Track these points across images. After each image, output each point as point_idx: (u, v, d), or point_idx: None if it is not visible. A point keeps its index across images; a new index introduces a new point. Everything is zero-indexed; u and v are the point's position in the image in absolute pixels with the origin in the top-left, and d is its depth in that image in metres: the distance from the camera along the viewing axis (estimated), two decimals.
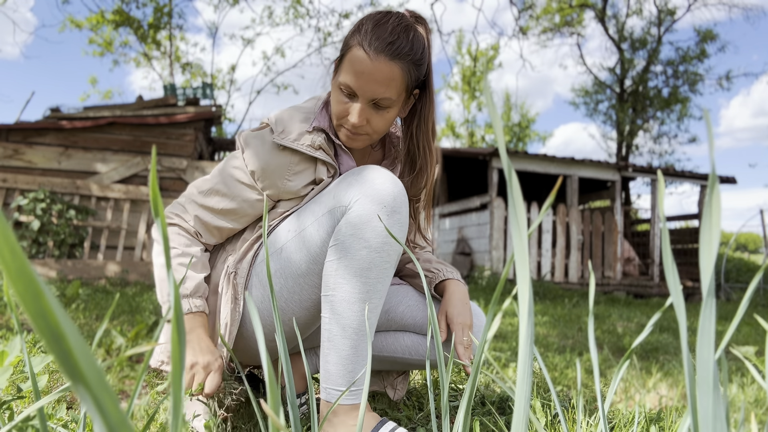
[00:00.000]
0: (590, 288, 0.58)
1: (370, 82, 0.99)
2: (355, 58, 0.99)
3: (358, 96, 1.02)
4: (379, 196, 0.94)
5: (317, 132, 1.09)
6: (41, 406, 0.48)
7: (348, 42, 1.02)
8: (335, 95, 1.05)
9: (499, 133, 0.32)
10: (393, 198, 0.95)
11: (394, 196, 0.95)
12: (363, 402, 0.57)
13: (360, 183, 0.96)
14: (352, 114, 1.03)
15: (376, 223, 0.94)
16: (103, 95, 16.32)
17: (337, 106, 1.05)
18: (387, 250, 0.95)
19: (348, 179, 0.99)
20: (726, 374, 0.45)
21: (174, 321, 0.33)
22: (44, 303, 0.19)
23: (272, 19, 13.92)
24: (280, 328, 0.55)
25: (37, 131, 5.56)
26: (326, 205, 1.00)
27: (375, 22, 1.00)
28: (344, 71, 1.01)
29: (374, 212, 0.94)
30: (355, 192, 0.96)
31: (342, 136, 1.09)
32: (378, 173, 0.97)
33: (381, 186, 0.95)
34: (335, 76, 1.06)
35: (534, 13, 14.61)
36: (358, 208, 0.94)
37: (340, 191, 0.98)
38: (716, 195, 0.34)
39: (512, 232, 0.34)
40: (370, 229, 0.94)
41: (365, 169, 1.00)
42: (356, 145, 1.10)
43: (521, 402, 0.35)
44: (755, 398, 1.71)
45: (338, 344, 0.96)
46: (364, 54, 0.98)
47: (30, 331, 2.01)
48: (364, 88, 1.00)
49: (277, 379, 1.04)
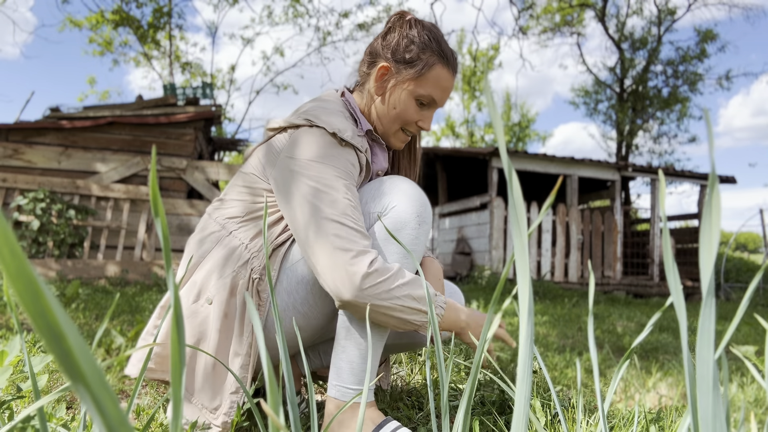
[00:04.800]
0: (590, 288, 0.58)
1: (448, 95, 1.16)
2: (441, 76, 1.12)
3: (432, 106, 1.16)
4: (414, 205, 1.02)
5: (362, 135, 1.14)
6: (41, 405, 0.48)
7: (428, 60, 1.11)
8: (407, 103, 1.13)
9: (499, 132, 0.32)
10: (425, 209, 1.03)
11: (425, 207, 1.04)
12: (363, 401, 0.57)
13: (395, 191, 1.04)
14: (426, 121, 1.16)
15: (409, 230, 1.01)
16: (101, 96, 16.30)
17: (410, 114, 1.14)
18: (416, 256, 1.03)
19: (381, 187, 1.06)
20: (726, 374, 0.45)
21: (174, 321, 0.33)
22: (44, 303, 0.19)
23: (272, 18, 13.92)
24: (280, 327, 0.55)
25: (37, 131, 5.56)
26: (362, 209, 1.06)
27: (440, 39, 1.13)
28: (426, 85, 1.12)
29: (409, 220, 1.01)
30: (392, 199, 1.03)
31: (398, 140, 1.19)
32: (410, 184, 1.06)
33: (415, 196, 1.03)
34: (406, 87, 1.12)
35: (534, 12, 14.61)
36: (394, 214, 1.01)
37: (375, 197, 1.05)
38: (716, 194, 0.34)
39: (512, 231, 0.34)
40: (404, 234, 1.01)
41: (397, 178, 1.07)
42: (402, 147, 1.22)
43: (521, 402, 0.35)
44: (755, 398, 1.71)
45: (356, 343, 0.99)
46: (448, 73, 1.13)
47: (30, 331, 2.01)
48: (444, 100, 1.16)
49: (278, 380, 1.03)
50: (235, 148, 8.81)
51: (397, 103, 1.13)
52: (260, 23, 14.16)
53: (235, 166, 5.87)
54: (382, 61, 1.13)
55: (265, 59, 14.56)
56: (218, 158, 8.92)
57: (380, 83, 1.14)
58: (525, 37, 14.16)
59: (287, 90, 14.97)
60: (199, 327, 1.04)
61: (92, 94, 16.30)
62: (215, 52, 52.01)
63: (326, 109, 1.09)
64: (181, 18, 13.52)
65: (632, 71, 15.46)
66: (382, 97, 1.15)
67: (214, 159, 8.40)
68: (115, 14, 11.98)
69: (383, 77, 1.13)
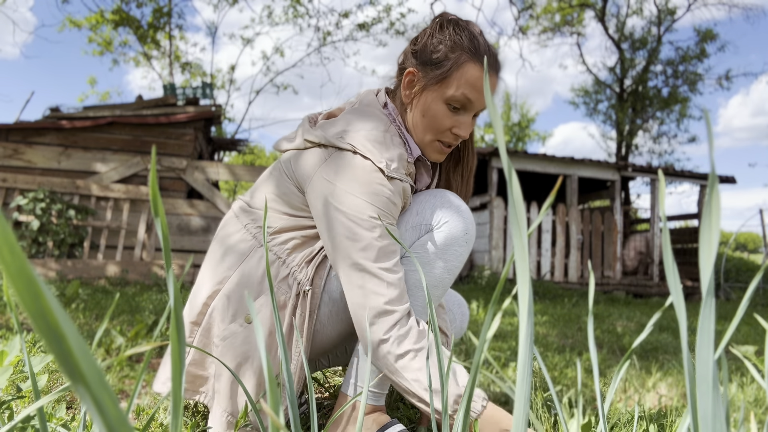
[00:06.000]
0: (590, 287, 0.58)
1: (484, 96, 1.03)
2: (473, 74, 1.02)
3: (468, 110, 1.05)
4: (464, 224, 1.02)
5: (411, 161, 1.07)
6: (41, 405, 0.48)
7: (457, 58, 1.02)
8: (439, 109, 1.04)
9: (499, 132, 0.32)
10: (473, 228, 1.03)
11: (473, 226, 1.04)
12: (363, 401, 0.57)
13: (446, 206, 1.02)
14: (462, 127, 1.05)
15: (458, 248, 1.02)
16: (101, 96, 16.29)
17: (441, 120, 1.04)
18: (454, 273, 1.03)
19: (432, 200, 1.04)
20: (726, 374, 0.45)
21: (173, 321, 0.33)
22: (44, 303, 0.19)
23: (272, 18, 13.91)
24: (282, 338, 0.55)
25: (37, 131, 5.55)
26: (410, 222, 1.03)
27: (474, 35, 1.03)
28: (455, 85, 1.02)
29: (459, 237, 1.01)
30: (445, 214, 1.01)
31: (433, 151, 1.09)
32: (460, 201, 1.05)
33: (466, 215, 1.03)
34: (434, 90, 1.03)
35: (534, 12, 14.60)
36: (446, 229, 1.01)
37: (426, 209, 1.03)
38: (716, 194, 0.34)
39: (512, 231, 0.34)
40: (452, 251, 1.01)
41: (450, 194, 1.05)
42: (442, 159, 1.13)
43: (521, 402, 0.35)
44: (755, 398, 1.71)
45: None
46: (481, 70, 1.02)
47: (30, 331, 2.01)
48: (481, 102, 1.04)
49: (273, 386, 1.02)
50: (234, 148, 8.81)
51: (426, 110, 1.05)
52: (260, 23, 14.15)
53: (234, 166, 5.87)
54: (409, 66, 1.07)
55: (265, 59, 14.56)
56: (218, 158, 8.92)
57: (408, 90, 1.07)
58: (525, 37, 14.16)
59: (287, 90, 14.94)
60: (241, 347, 0.99)
61: (92, 94, 16.29)
62: (215, 52, 52.02)
63: (375, 132, 1.01)
64: (180, 18, 13.53)
65: (632, 71, 15.46)
66: (411, 105, 1.08)
67: (214, 159, 8.40)
68: (115, 14, 11.98)
69: (410, 83, 1.06)
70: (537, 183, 10.06)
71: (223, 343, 0.99)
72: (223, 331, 0.99)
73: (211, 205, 5.62)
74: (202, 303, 1.03)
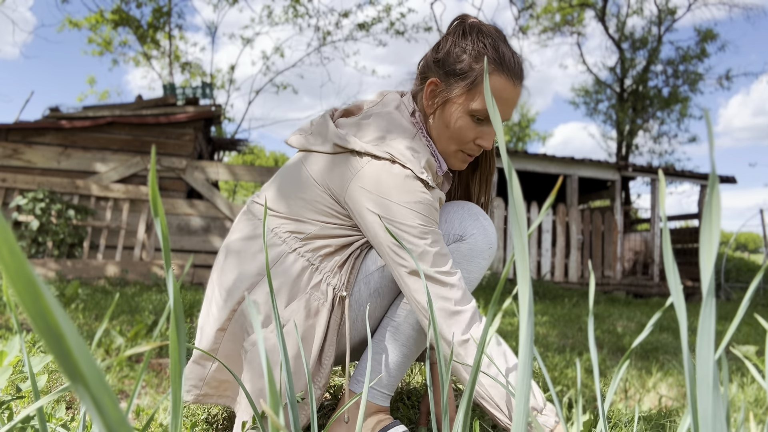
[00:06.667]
0: (590, 287, 0.58)
1: (510, 107, 1.04)
2: (498, 86, 1.00)
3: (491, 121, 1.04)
4: (489, 239, 1.07)
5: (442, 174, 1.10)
6: (41, 405, 0.48)
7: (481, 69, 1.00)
8: (463, 120, 1.03)
9: (499, 132, 0.32)
10: (495, 243, 1.08)
11: (496, 242, 1.08)
12: (363, 400, 0.57)
13: (474, 219, 1.07)
14: (486, 139, 1.05)
15: (480, 260, 1.06)
16: (100, 96, 16.29)
17: (466, 132, 1.04)
18: (474, 284, 1.07)
19: (459, 212, 1.08)
20: (726, 374, 0.45)
21: (173, 322, 0.33)
22: (44, 303, 0.19)
23: (271, 18, 13.90)
24: (281, 336, 0.55)
25: (37, 131, 5.55)
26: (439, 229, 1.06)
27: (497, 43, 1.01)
28: (480, 98, 1.01)
29: (483, 250, 1.06)
30: (471, 226, 1.06)
31: (456, 160, 1.10)
32: (486, 215, 1.10)
33: (491, 230, 1.07)
34: (459, 102, 1.02)
35: (534, 12, 14.60)
36: (473, 241, 1.05)
37: (454, 220, 1.06)
38: (716, 194, 0.34)
39: (512, 231, 0.34)
40: (476, 263, 1.05)
41: (474, 207, 1.09)
42: (464, 167, 1.14)
43: (521, 402, 0.35)
44: (755, 398, 1.71)
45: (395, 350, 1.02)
46: (508, 82, 1.01)
47: (29, 331, 2.01)
48: (506, 114, 1.04)
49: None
50: (234, 147, 8.81)
51: (450, 121, 1.03)
52: (260, 23, 14.15)
53: (234, 166, 5.87)
54: (432, 75, 1.05)
55: (265, 59, 14.56)
56: (218, 158, 8.92)
57: (431, 101, 1.06)
58: (525, 37, 14.15)
59: (287, 90, 14.94)
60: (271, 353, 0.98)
61: (91, 94, 16.30)
62: (215, 52, 51.98)
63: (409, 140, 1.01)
64: (180, 18, 13.53)
65: (632, 71, 15.46)
66: (433, 115, 1.07)
67: (213, 159, 8.40)
68: (115, 14, 11.97)
69: (433, 93, 1.05)
70: (537, 183, 10.05)
71: (253, 348, 0.98)
72: (252, 337, 0.98)
73: (210, 205, 5.62)
74: (231, 309, 1.00)
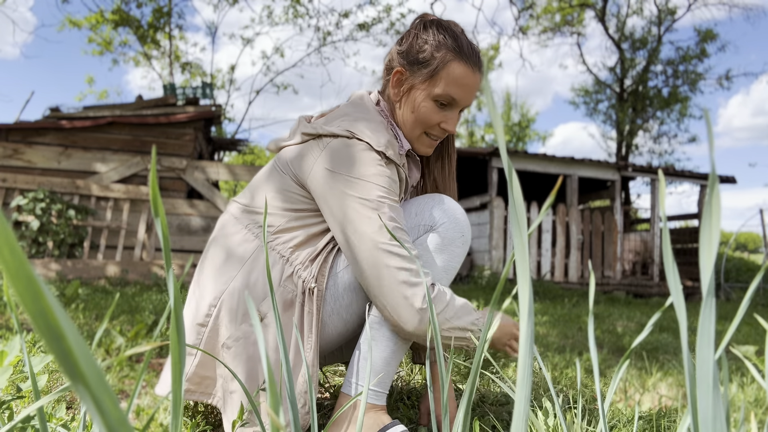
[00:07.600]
0: (590, 287, 0.58)
1: (472, 93, 1.10)
2: (458, 73, 1.07)
3: (454, 106, 1.11)
4: (460, 226, 1.08)
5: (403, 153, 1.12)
6: (41, 405, 0.48)
7: (442, 57, 1.07)
8: (428, 106, 1.09)
9: (500, 132, 0.32)
10: (468, 230, 1.09)
11: (469, 229, 1.09)
12: (363, 400, 0.57)
13: (443, 209, 1.08)
14: (450, 123, 1.11)
15: (454, 248, 1.06)
16: (99, 95, 16.28)
17: (430, 116, 1.10)
18: (451, 273, 1.07)
19: (429, 202, 1.09)
20: (726, 374, 0.45)
21: (173, 322, 0.33)
22: (44, 303, 0.19)
23: (272, 18, 13.91)
24: (283, 341, 0.55)
25: (37, 131, 5.56)
26: (409, 222, 1.08)
27: (456, 35, 1.09)
28: (442, 83, 1.08)
29: (455, 238, 1.06)
30: (441, 215, 1.07)
31: (422, 145, 1.15)
32: (457, 205, 1.10)
33: (462, 218, 1.08)
34: (423, 88, 1.09)
35: (534, 12, 14.60)
36: (443, 230, 1.06)
37: (425, 210, 1.08)
38: (716, 194, 0.34)
39: (512, 231, 0.34)
40: (450, 251, 1.06)
41: (445, 198, 1.11)
42: (430, 152, 1.18)
43: (521, 402, 0.35)
44: (755, 398, 1.71)
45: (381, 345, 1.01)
46: (467, 69, 1.08)
47: (30, 331, 2.01)
48: (467, 99, 1.10)
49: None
50: (234, 148, 8.81)
51: (416, 107, 1.10)
52: (260, 23, 14.15)
53: (234, 166, 5.87)
54: (397, 65, 1.12)
55: (265, 59, 14.56)
56: (218, 158, 8.92)
57: (397, 89, 1.13)
58: (525, 37, 14.16)
59: (287, 90, 14.94)
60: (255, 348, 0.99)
61: (91, 93, 16.29)
62: (215, 52, 51.93)
63: (369, 121, 1.06)
64: (180, 18, 13.51)
65: (632, 71, 15.46)
66: (400, 102, 1.13)
67: (214, 159, 8.40)
68: (115, 14, 11.97)
69: (399, 81, 1.12)
70: (537, 183, 10.05)
71: (236, 344, 0.99)
72: (234, 332, 0.99)
73: (211, 205, 5.62)
74: (208, 305, 1.02)
